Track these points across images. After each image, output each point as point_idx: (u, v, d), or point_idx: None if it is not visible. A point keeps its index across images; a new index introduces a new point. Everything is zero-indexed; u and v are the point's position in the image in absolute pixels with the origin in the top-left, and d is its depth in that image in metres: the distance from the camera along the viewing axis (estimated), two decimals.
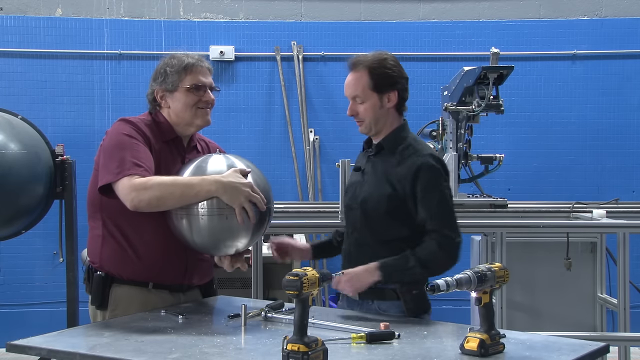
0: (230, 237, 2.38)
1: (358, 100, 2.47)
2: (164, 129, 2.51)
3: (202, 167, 2.40)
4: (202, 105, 2.50)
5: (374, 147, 2.54)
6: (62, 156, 3.96)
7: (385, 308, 2.43)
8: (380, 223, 2.43)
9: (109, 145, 2.42)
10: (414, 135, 2.57)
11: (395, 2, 5.64)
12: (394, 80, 2.47)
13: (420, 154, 2.43)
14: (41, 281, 5.41)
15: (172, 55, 2.54)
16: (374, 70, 2.45)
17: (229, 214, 2.31)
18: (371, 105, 2.46)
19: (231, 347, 2.01)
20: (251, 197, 2.32)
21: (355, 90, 2.46)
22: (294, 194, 5.47)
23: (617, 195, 4.53)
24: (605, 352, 2.07)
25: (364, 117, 2.49)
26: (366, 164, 2.56)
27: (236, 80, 5.56)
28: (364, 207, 2.47)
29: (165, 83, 2.49)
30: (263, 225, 2.44)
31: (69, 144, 4.11)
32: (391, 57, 2.50)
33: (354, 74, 2.48)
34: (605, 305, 4.14)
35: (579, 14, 5.64)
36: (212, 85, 2.54)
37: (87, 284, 2.49)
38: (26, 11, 5.46)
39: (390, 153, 2.48)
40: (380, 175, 2.46)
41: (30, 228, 4.02)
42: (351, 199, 2.55)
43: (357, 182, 2.56)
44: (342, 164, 3.55)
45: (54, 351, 2.01)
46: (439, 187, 2.41)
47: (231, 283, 4.76)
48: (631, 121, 5.60)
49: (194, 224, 2.33)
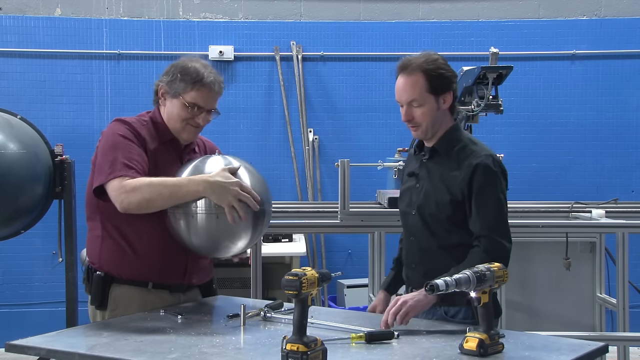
0: (227, 237, 2.38)
1: (415, 104, 2.38)
2: (161, 130, 2.51)
3: (200, 167, 2.40)
4: (193, 123, 2.48)
5: (427, 150, 2.45)
6: (61, 156, 3.95)
7: (454, 313, 2.36)
8: (441, 229, 2.37)
9: (102, 147, 2.43)
10: (468, 135, 2.48)
11: (395, 2, 5.64)
12: (449, 80, 2.39)
13: (477, 155, 2.35)
14: (40, 281, 5.41)
15: (191, 62, 2.49)
16: (430, 72, 2.36)
17: (222, 212, 2.31)
18: (429, 109, 2.37)
19: (230, 347, 2.01)
20: (240, 196, 2.31)
21: (413, 94, 2.37)
22: (293, 194, 5.47)
23: (616, 195, 4.53)
24: (604, 352, 2.07)
25: (420, 121, 2.38)
26: (420, 168, 2.47)
27: (235, 80, 5.56)
28: (422, 214, 2.40)
29: (171, 85, 2.47)
30: (260, 226, 2.43)
31: (68, 144, 4.10)
32: (441, 57, 2.42)
33: (407, 77, 2.39)
34: (605, 305, 4.14)
35: (578, 14, 5.64)
36: (212, 109, 2.51)
37: (87, 284, 2.49)
38: (25, 11, 5.46)
39: (446, 156, 2.40)
40: (437, 181, 2.39)
41: (30, 228, 4.02)
42: (407, 206, 2.48)
43: (411, 187, 2.49)
44: (341, 164, 3.55)
45: (53, 351, 2.01)
46: (493, 190, 2.32)
47: (230, 283, 4.77)
48: (630, 121, 5.61)
49: (191, 224, 2.33)
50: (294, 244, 4.89)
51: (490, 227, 2.30)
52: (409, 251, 2.50)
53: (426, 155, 2.45)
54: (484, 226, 2.30)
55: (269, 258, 4.41)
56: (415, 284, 2.42)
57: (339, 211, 3.61)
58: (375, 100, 5.62)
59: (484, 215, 2.31)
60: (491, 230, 2.30)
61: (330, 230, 4.73)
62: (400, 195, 2.57)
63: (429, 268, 2.35)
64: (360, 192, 4.60)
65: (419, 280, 2.34)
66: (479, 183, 2.31)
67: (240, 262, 2.69)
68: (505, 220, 2.35)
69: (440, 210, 2.35)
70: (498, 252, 2.28)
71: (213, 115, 2.53)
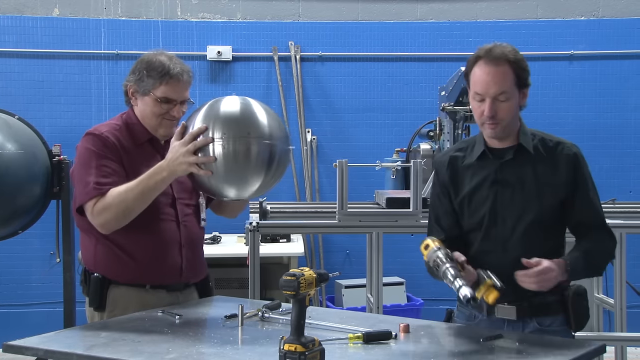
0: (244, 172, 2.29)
1: (502, 98, 2.15)
2: (137, 131, 2.48)
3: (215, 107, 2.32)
4: (168, 117, 2.46)
5: (503, 152, 2.24)
6: (59, 156, 3.95)
7: (549, 323, 2.22)
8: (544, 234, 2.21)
9: (75, 165, 2.44)
10: (533, 129, 2.31)
11: (393, 2, 5.64)
12: (529, 75, 2.23)
13: (565, 144, 2.25)
14: (38, 281, 5.40)
15: (155, 56, 2.46)
16: (517, 65, 2.17)
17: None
18: (515, 104, 2.18)
19: (228, 348, 2.01)
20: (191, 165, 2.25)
21: (503, 86, 2.14)
22: (292, 194, 5.47)
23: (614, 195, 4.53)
24: (602, 352, 2.07)
25: (504, 117, 2.16)
26: (502, 172, 2.23)
27: (233, 81, 5.56)
28: (524, 223, 2.19)
29: (139, 83, 2.45)
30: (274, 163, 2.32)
31: (66, 144, 4.09)
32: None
33: (495, 68, 2.15)
34: (602, 305, 4.14)
35: (576, 14, 5.65)
36: (185, 99, 2.48)
37: (84, 285, 2.49)
38: (23, 11, 5.46)
39: (534, 153, 2.23)
40: (536, 185, 2.20)
41: (27, 228, 4.02)
42: (493, 219, 2.22)
43: (494, 195, 2.23)
44: (339, 164, 3.55)
45: (50, 351, 2.00)
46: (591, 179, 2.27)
47: (228, 283, 4.77)
48: (628, 121, 5.61)
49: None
50: (292, 244, 4.89)
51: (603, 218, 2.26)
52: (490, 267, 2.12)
53: (509, 156, 2.23)
54: (599, 216, 2.25)
55: (267, 258, 4.41)
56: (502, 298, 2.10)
57: (337, 211, 3.61)
58: (373, 100, 5.62)
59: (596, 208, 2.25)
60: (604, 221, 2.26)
61: (328, 231, 4.73)
62: (471, 208, 2.27)
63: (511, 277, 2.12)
64: (359, 193, 4.60)
65: (509, 296, 2.13)
66: (582, 171, 2.24)
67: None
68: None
69: (549, 214, 2.20)
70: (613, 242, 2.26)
71: (187, 106, 2.50)
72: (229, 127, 2.27)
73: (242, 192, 2.35)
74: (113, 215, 2.33)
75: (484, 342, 2.01)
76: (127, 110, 2.53)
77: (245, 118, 2.31)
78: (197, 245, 2.60)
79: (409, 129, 4.97)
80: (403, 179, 4.37)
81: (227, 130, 2.26)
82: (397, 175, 4.38)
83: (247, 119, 2.31)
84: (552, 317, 2.22)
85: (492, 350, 1.98)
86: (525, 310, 2.21)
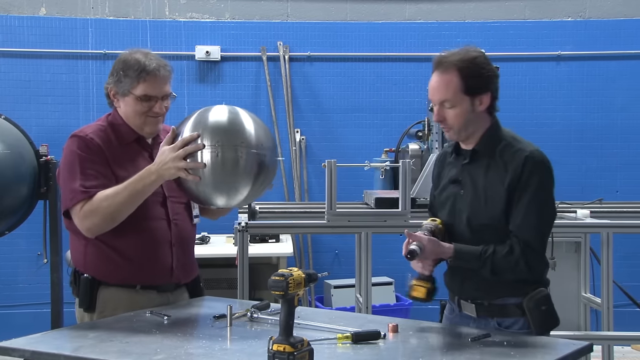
0: (233, 180, 2.30)
1: (447, 105, 2.19)
2: (123, 132, 2.47)
3: (204, 116, 2.32)
4: (152, 114, 2.45)
5: (466, 153, 2.28)
6: (46, 156, 3.93)
7: (508, 325, 2.22)
8: (492, 238, 2.19)
9: (62, 168, 2.43)
10: (510, 133, 2.30)
11: (381, 2, 5.65)
12: (488, 80, 2.22)
13: (523, 150, 2.18)
14: (25, 282, 5.37)
15: (131, 54, 2.45)
16: (465, 71, 2.18)
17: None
18: (462, 111, 2.19)
19: (217, 348, 2.01)
20: (180, 169, 2.25)
21: (445, 94, 2.19)
22: (281, 195, 5.47)
23: (601, 195, 4.57)
24: (588, 351, 2.08)
25: (453, 123, 2.20)
26: (461, 173, 2.29)
27: (222, 81, 5.55)
28: (472, 225, 2.23)
29: (118, 85, 2.44)
30: (262, 172, 2.33)
31: (53, 144, 4.07)
32: (482, 54, 2.23)
33: (441, 75, 2.20)
34: (589, 305, 4.17)
35: (564, 15, 5.68)
36: (166, 94, 2.46)
37: (74, 286, 2.47)
38: (9, 10, 5.42)
39: (488, 157, 2.22)
40: (484, 188, 2.21)
41: (14, 229, 4.00)
42: (452, 217, 2.29)
43: (454, 195, 2.29)
44: (328, 164, 3.55)
45: (37, 353, 1.99)
46: (540, 187, 2.15)
47: (217, 283, 4.76)
48: (615, 122, 5.65)
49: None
50: (281, 245, 4.88)
51: (527, 228, 2.15)
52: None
53: (466, 159, 2.27)
54: (522, 225, 2.15)
55: (256, 258, 4.40)
56: (464, 294, 2.29)
57: (326, 212, 3.61)
58: (362, 100, 5.62)
59: (529, 220, 2.14)
60: (526, 231, 2.15)
61: (317, 231, 4.73)
62: (438, 201, 2.37)
63: (477, 277, 2.21)
64: (347, 193, 4.60)
65: (468, 291, 2.26)
66: (528, 177, 2.14)
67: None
68: (545, 221, 2.19)
69: (494, 220, 2.19)
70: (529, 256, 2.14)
71: (170, 100, 2.48)
72: (220, 135, 2.28)
73: (229, 200, 2.36)
74: (100, 218, 2.32)
75: (472, 342, 2.02)
76: (112, 112, 2.52)
77: (235, 127, 2.32)
78: (188, 245, 2.60)
79: (397, 129, 4.99)
80: (392, 179, 4.38)
81: (217, 138, 2.27)
82: (386, 175, 4.39)
83: (237, 128, 2.32)
84: (512, 318, 2.22)
85: (481, 350, 1.99)
86: (485, 309, 2.24)
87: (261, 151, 2.32)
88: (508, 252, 2.16)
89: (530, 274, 2.19)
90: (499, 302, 2.22)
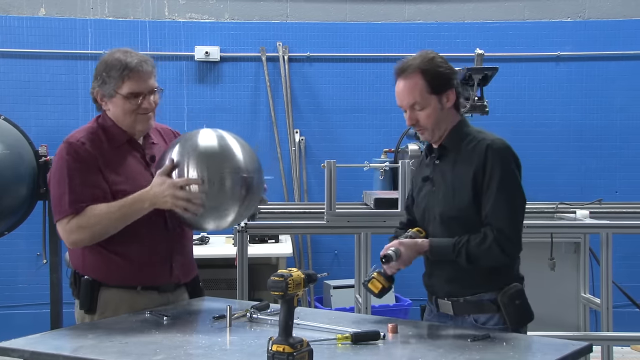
0: (221, 205, 2.35)
1: (417, 107, 2.28)
2: (114, 134, 2.45)
3: (191, 141, 2.37)
4: (141, 111, 2.43)
5: (436, 151, 2.37)
6: (45, 157, 3.93)
7: (484, 321, 2.27)
8: (464, 232, 2.26)
9: (52, 176, 2.41)
10: (477, 129, 2.36)
11: (381, 3, 5.65)
12: (449, 77, 2.30)
13: (485, 140, 2.26)
14: (24, 283, 5.37)
15: (111, 55, 2.44)
16: (428, 72, 2.27)
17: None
18: (432, 110, 2.28)
19: (216, 348, 2.01)
20: (177, 196, 2.28)
21: (413, 97, 2.27)
22: (280, 195, 5.47)
23: (600, 195, 4.57)
24: (588, 351, 2.09)
25: (425, 123, 2.30)
26: (433, 171, 2.37)
27: (221, 81, 5.55)
28: (444, 219, 2.30)
29: (103, 87, 2.42)
30: (250, 193, 2.38)
31: (53, 145, 4.03)
32: (438, 55, 2.34)
33: (406, 81, 2.28)
34: (589, 305, 4.17)
35: (563, 16, 5.68)
36: (152, 89, 2.44)
37: (74, 288, 2.46)
38: (9, 11, 5.42)
39: (456, 152, 2.30)
40: (452, 182, 2.29)
41: (14, 229, 4.00)
42: (425, 212, 2.37)
43: (428, 193, 2.37)
44: (327, 165, 3.55)
45: (36, 353, 1.99)
46: (507, 173, 2.22)
47: (216, 284, 4.75)
48: (614, 122, 5.65)
49: None
50: (280, 245, 4.88)
51: (499, 216, 2.21)
52: (431, 261, 2.37)
53: (436, 157, 2.36)
54: (494, 214, 2.21)
55: (255, 259, 4.40)
56: (441, 292, 2.35)
57: (325, 212, 3.61)
58: (361, 101, 5.63)
59: (494, 201, 2.21)
60: (498, 219, 2.21)
61: (316, 231, 4.74)
62: (416, 202, 2.45)
63: (452, 274, 2.29)
64: (347, 193, 4.61)
65: (444, 288, 2.33)
66: (491, 166, 2.21)
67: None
68: (517, 207, 2.25)
69: (463, 212, 2.26)
70: (503, 242, 2.20)
71: (158, 95, 2.47)
72: (208, 163, 2.33)
73: (218, 225, 2.42)
74: (88, 235, 2.34)
75: (471, 342, 2.02)
76: (102, 114, 2.50)
77: (224, 153, 2.36)
78: (187, 244, 2.60)
79: (397, 129, 4.99)
80: (391, 180, 4.38)
81: (205, 166, 2.31)
82: (385, 175, 4.39)
83: (226, 154, 2.36)
84: (488, 314, 2.27)
85: (480, 350, 1.99)
86: (461, 306, 2.29)
87: (249, 175, 2.37)
88: (482, 240, 2.22)
89: (505, 258, 2.25)
90: (474, 299, 2.28)
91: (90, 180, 2.36)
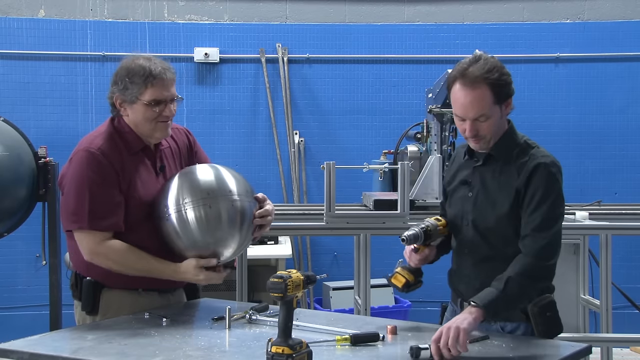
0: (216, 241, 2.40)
1: (482, 119, 2.17)
2: (130, 141, 2.45)
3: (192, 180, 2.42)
4: (161, 119, 2.43)
5: (480, 156, 2.27)
6: (45, 158, 3.93)
7: (511, 329, 2.21)
8: (498, 241, 2.21)
9: (70, 183, 2.38)
10: (525, 137, 2.28)
11: (380, 4, 5.66)
12: (511, 85, 2.21)
13: (536, 156, 2.19)
14: (24, 284, 5.37)
15: (134, 61, 2.42)
16: (495, 83, 2.16)
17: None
18: (495, 120, 2.19)
19: (215, 350, 2.01)
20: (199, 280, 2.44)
21: (481, 109, 2.16)
22: (279, 196, 5.47)
23: (600, 197, 4.57)
24: (587, 353, 2.09)
25: (486, 133, 2.20)
26: (472, 175, 2.29)
27: (221, 82, 5.55)
28: (477, 227, 2.24)
29: (124, 92, 2.40)
30: (244, 226, 2.46)
31: (52, 146, 4.08)
32: (498, 61, 2.22)
33: (472, 91, 2.15)
34: (588, 307, 4.17)
35: (562, 17, 5.69)
36: (173, 97, 2.45)
37: (75, 289, 2.46)
38: (8, 12, 5.42)
39: (503, 162, 2.23)
40: (493, 191, 2.22)
41: (13, 231, 3.99)
42: (459, 217, 2.30)
43: (463, 197, 2.30)
44: (327, 166, 3.55)
45: (36, 355, 1.99)
46: (550, 192, 2.15)
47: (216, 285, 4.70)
48: (613, 124, 5.66)
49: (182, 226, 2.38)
50: (279, 246, 4.88)
51: (539, 229, 2.14)
52: (460, 264, 2.32)
53: (479, 162, 2.27)
54: (534, 228, 2.14)
55: (255, 260, 4.40)
56: (468, 296, 2.20)
57: (324, 213, 3.61)
58: (360, 102, 5.63)
59: (536, 215, 2.14)
60: (538, 231, 2.14)
61: (316, 233, 4.74)
62: (450, 202, 2.37)
63: (484, 281, 2.17)
64: (346, 194, 4.61)
65: (474, 294, 2.18)
66: (537, 184, 2.14)
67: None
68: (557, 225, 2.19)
69: (498, 223, 2.20)
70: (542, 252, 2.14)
71: (177, 103, 2.47)
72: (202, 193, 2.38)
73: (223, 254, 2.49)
74: (105, 265, 2.37)
75: (471, 344, 2.02)
76: (117, 119, 2.47)
77: (219, 182, 2.43)
78: None
79: (396, 131, 4.99)
80: (390, 181, 4.38)
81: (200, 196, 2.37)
82: (385, 177, 4.39)
83: (220, 183, 2.42)
84: (515, 323, 2.21)
85: (480, 352, 1.99)
86: None
87: (242, 199, 2.42)
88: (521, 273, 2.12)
89: (545, 282, 2.22)
90: None
91: (109, 194, 2.36)
